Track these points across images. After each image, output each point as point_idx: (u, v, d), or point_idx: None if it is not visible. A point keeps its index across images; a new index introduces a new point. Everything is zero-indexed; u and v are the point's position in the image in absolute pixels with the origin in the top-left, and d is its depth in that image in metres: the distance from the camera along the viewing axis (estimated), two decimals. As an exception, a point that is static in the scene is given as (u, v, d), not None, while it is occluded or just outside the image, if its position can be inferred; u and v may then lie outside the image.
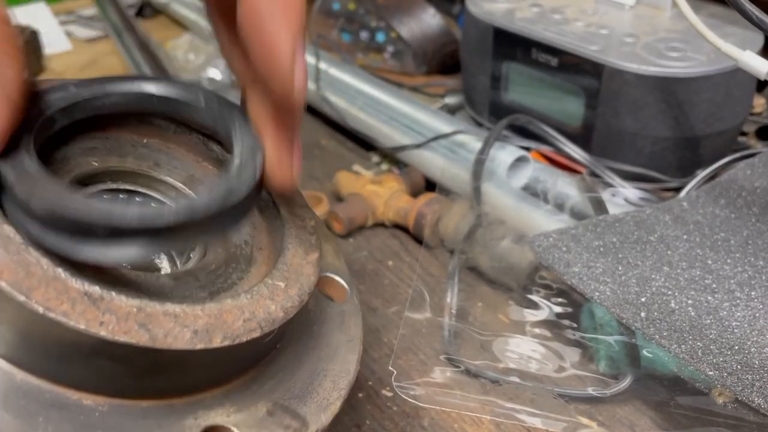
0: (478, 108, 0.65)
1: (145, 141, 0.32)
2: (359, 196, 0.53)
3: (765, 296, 0.37)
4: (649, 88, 0.50)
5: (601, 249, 0.40)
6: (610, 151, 0.53)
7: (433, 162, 0.55)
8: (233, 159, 0.27)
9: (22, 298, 0.21)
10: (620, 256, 0.39)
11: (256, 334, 0.24)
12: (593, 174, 0.50)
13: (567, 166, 0.54)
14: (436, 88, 0.76)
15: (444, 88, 0.74)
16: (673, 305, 0.36)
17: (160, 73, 0.68)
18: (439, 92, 0.73)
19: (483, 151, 0.50)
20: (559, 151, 0.52)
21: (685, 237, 0.41)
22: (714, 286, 0.38)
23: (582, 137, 0.55)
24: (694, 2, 0.49)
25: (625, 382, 0.37)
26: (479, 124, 0.66)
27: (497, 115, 0.63)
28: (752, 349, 0.33)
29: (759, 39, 0.51)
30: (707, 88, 0.49)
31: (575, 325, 0.40)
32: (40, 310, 0.21)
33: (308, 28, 0.90)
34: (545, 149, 0.54)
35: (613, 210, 0.45)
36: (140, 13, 1.16)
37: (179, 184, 0.32)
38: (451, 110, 0.70)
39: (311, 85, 0.70)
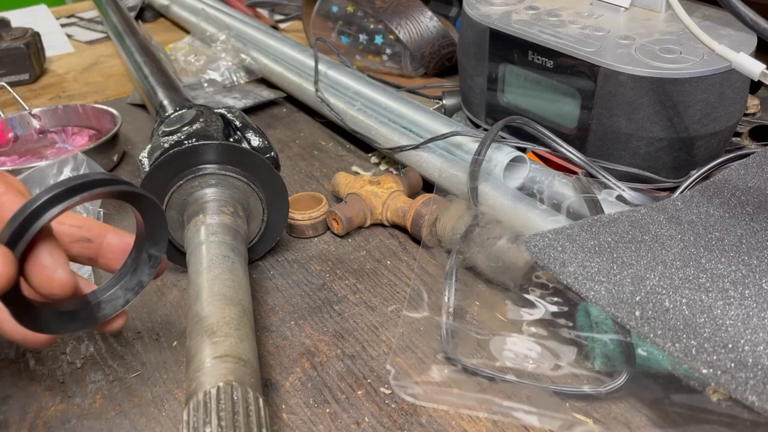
0: (475, 109, 0.66)
1: None
2: (358, 197, 0.54)
3: (758, 295, 0.37)
4: (644, 89, 0.50)
5: (596, 248, 0.40)
6: (606, 152, 0.54)
7: (430, 163, 0.55)
8: None
9: None
10: (615, 255, 0.40)
11: None
12: (589, 174, 0.50)
13: (563, 167, 0.54)
14: (434, 89, 0.76)
15: (441, 89, 0.74)
16: (667, 304, 0.36)
17: (162, 75, 0.68)
18: (436, 94, 0.73)
19: (480, 152, 0.51)
20: (555, 151, 0.53)
21: (679, 236, 0.42)
22: (708, 284, 0.38)
23: (577, 138, 0.55)
24: (688, 4, 0.49)
25: (621, 380, 0.37)
26: (476, 126, 0.66)
27: (494, 117, 0.63)
28: (746, 348, 0.33)
29: (752, 40, 0.52)
30: (701, 90, 0.50)
31: (571, 324, 0.40)
32: None
33: (308, 31, 0.91)
34: (541, 150, 0.55)
35: (608, 210, 0.45)
36: (141, 16, 1.17)
37: None
38: (449, 112, 0.70)
39: (311, 87, 0.70)
